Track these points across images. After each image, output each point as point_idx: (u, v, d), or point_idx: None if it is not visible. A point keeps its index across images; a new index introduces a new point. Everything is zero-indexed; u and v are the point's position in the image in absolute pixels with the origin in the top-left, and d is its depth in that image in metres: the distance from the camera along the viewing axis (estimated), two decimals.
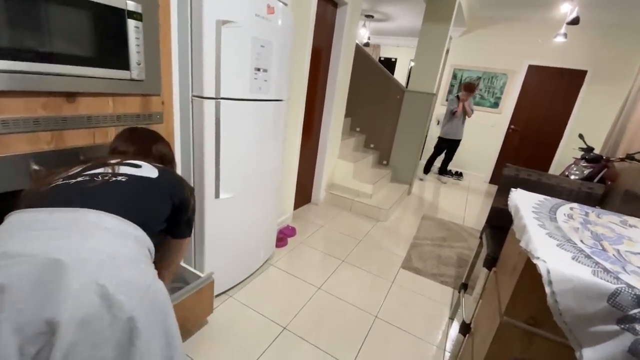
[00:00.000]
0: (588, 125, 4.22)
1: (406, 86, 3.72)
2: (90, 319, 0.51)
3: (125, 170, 0.77)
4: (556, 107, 4.47)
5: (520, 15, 4.28)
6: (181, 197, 0.87)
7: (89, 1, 0.95)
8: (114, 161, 0.80)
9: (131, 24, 1.07)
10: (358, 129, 4.08)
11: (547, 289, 0.66)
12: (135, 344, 0.54)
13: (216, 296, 1.70)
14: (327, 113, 2.92)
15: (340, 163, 3.30)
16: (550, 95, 4.47)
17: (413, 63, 3.70)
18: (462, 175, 5.08)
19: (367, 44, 6.29)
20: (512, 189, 1.15)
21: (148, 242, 0.68)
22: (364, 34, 5.96)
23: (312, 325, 1.62)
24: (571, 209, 1.02)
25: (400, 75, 7.02)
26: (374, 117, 3.93)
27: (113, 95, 1.12)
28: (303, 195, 3.04)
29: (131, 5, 1.06)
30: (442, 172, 4.76)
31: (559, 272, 0.65)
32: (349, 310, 1.76)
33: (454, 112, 4.15)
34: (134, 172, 0.77)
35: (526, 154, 4.76)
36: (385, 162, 3.96)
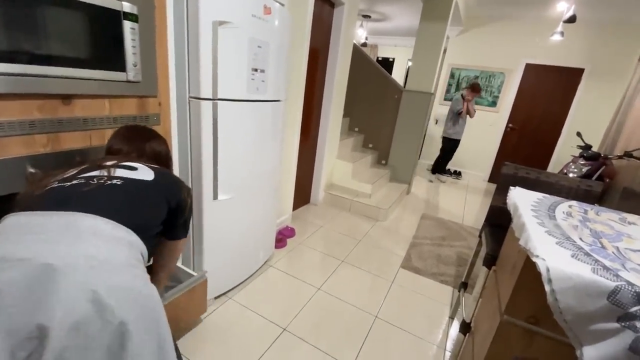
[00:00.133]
0: (586, 123, 4.24)
1: (404, 86, 3.72)
2: (81, 324, 0.51)
3: (121, 173, 0.76)
4: (554, 105, 4.48)
5: (517, 13, 4.29)
6: (178, 199, 0.87)
7: (84, 3, 0.94)
8: (110, 163, 0.79)
9: (127, 25, 1.07)
10: (356, 129, 4.08)
11: (547, 287, 0.66)
12: (126, 349, 0.54)
13: (215, 298, 1.70)
14: (325, 113, 2.91)
15: (338, 163, 3.29)
16: (547, 93, 4.48)
17: (411, 63, 3.70)
18: (461, 174, 5.09)
19: (365, 44, 6.30)
20: (511, 187, 1.15)
21: (141, 247, 0.68)
22: (361, 34, 5.96)
23: (312, 326, 1.62)
24: (570, 206, 1.02)
25: (398, 75, 7.03)
26: (373, 117, 3.93)
27: (109, 97, 1.12)
28: (302, 195, 3.04)
29: (127, 6, 1.05)
30: (441, 172, 4.76)
31: (559, 270, 0.65)
32: (349, 311, 1.76)
33: (460, 113, 4.13)
34: (130, 175, 0.77)
35: (524, 152, 4.77)
36: (384, 162, 3.96)
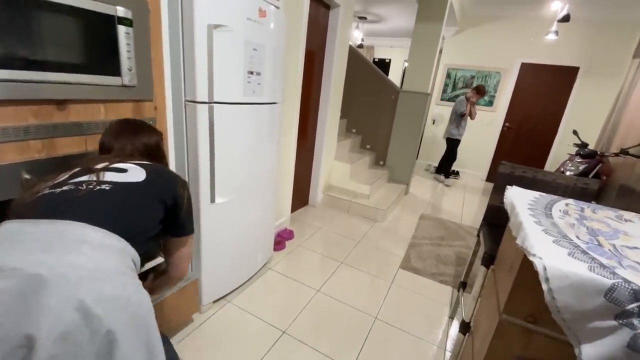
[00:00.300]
0: (582, 121, 4.26)
1: (401, 86, 3.73)
2: (69, 334, 0.52)
3: (110, 177, 0.76)
4: (550, 104, 4.50)
5: (512, 13, 4.32)
6: (173, 195, 0.85)
7: (78, 8, 0.94)
8: (100, 166, 0.78)
9: (121, 30, 1.06)
10: (354, 130, 4.08)
11: (544, 286, 0.66)
12: (114, 356, 0.55)
13: (214, 302, 1.69)
14: (323, 115, 2.92)
15: (336, 164, 3.29)
16: (543, 92, 4.50)
17: (407, 63, 3.71)
18: (459, 173, 5.10)
19: (361, 46, 6.32)
20: (508, 187, 1.15)
21: (132, 253, 0.68)
22: (357, 35, 5.98)
23: (312, 328, 1.62)
24: (567, 205, 1.02)
25: (394, 75, 7.05)
26: (370, 118, 3.94)
27: (104, 102, 1.11)
28: (300, 197, 3.03)
29: (121, 11, 1.05)
30: (440, 172, 4.77)
31: (556, 269, 0.65)
32: (348, 312, 1.76)
33: (463, 115, 4.13)
34: (119, 179, 0.76)
35: (522, 151, 4.78)
36: (381, 163, 3.97)
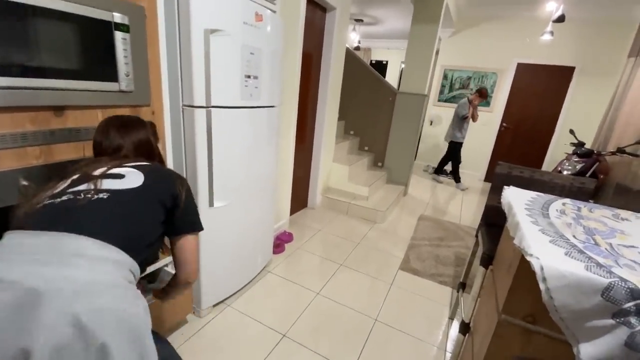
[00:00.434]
0: (578, 121, 4.28)
1: (398, 88, 3.74)
2: (63, 347, 0.53)
3: (108, 185, 0.76)
4: (546, 104, 4.52)
5: (507, 14, 4.35)
6: (172, 193, 0.85)
7: (75, 15, 0.94)
8: (97, 173, 0.78)
9: (118, 35, 1.07)
10: (352, 132, 4.09)
11: (542, 286, 0.66)
12: None
13: (214, 306, 1.69)
14: (320, 117, 2.93)
15: (335, 166, 3.30)
16: (540, 92, 4.53)
17: (404, 65, 3.73)
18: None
19: (358, 48, 6.34)
20: (505, 187, 1.16)
21: (130, 264, 0.69)
22: (354, 37, 6.00)
23: (312, 331, 1.61)
24: (564, 204, 1.03)
25: (391, 77, 7.08)
26: (368, 120, 3.95)
27: (102, 108, 1.11)
28: (299, 200, 3.03)
29: (118, 17, 1.05)
30: (438, 172, 4.78)
31: (553, 269, 0.66)
32: (348, 314, 1.75)
33: (465, 117, 4.14)
34: (117, 186, 0.76)
35: (519, 151, 4.80)
36: (380, 164, 3.98)
